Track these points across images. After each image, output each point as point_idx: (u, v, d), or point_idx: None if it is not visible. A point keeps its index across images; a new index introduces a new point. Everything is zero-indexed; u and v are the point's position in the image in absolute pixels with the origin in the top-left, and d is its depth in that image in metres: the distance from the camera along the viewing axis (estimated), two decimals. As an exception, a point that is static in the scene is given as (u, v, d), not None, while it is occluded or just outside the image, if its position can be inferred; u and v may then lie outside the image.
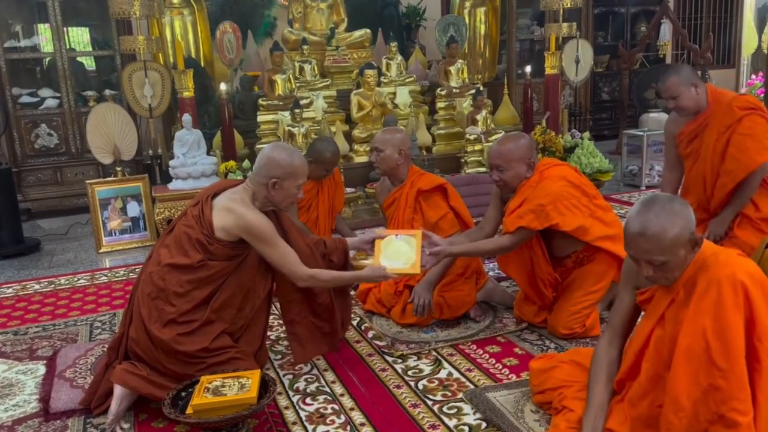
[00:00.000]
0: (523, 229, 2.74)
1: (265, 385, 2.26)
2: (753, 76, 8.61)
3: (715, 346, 1.70)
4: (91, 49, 6.47)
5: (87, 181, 4.90)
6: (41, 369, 2.86)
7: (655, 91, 7.81)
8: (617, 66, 8.26)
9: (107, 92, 6.04)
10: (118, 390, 2.35)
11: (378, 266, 2.57)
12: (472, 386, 2.50)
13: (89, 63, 6.70)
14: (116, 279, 4.16)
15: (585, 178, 2.94)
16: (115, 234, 4.89)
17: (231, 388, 2.19)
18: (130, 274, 4.22)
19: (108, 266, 4.50)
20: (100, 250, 4.82)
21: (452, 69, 6.27)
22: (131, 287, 3.87)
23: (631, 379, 1.95)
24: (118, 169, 4.97)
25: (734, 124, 3.09)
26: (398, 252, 2.63)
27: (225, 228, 2.39)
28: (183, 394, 2.26)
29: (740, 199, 3.14)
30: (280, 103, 5.64)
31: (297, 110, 5.29)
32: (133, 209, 4.93)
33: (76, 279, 4.21)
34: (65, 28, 6.06)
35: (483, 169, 5.63)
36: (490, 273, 3.60)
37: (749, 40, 8.87)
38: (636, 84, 7.94)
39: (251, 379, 2.23)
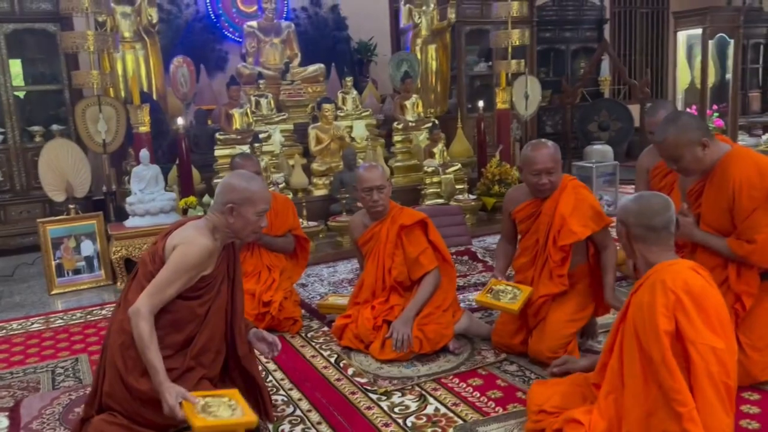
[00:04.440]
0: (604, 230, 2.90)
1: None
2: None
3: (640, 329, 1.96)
4: (36, 83, 6.24)
5: (38, 220, 4.68)
6: (4, 421, 2.69)
7: (597, 124, 8.18)
8: (560, 100, 8.59)
9: (55, 127, 5.83)
10: (96, 442, 2.24)
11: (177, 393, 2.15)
12: (460, 421, 2.49)
13: (34, 98, 6.46)
14: (74, 322, 3.98)
15: None
16: (68, 274, 4.69)
17: (219, 408, 2.11)
18: (88, 316, 4.05)
19: (61, 308, 4.30)
20: (52, 292, 4.61)
21: (408, 103, 6.40)
22: (91, 330, 3.76)
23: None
24: (71, 206, 4.79)
25: None
26: (505, 292, 2.97)
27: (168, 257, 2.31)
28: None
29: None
30: (238, 137, 5.60)
31: (256, 144, 5.26)
32: (87, 248, 4.74)
33: (29, 323, 4.00)
34: (9, 61, 5.85)
35: (441, 201, 5.72)
36: (463, 305, 3.63)
37: (683, 75, 9.40)
38: (578, 118, 8.27)
39: (235, 399, 2.16)
